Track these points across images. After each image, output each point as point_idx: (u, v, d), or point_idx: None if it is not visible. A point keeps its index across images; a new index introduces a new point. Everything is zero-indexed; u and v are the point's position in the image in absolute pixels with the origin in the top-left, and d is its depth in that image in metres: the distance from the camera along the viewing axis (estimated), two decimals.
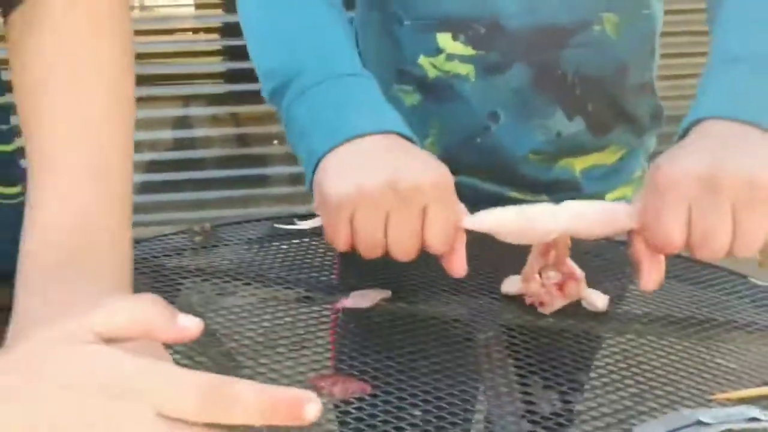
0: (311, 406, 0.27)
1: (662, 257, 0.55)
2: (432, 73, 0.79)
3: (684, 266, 0.75)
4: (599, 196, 0.85)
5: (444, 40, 0.77)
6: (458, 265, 0.57)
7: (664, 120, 0.89)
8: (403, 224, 0.54)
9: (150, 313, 0.31)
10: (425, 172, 0.56)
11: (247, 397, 0.27)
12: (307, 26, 0.68)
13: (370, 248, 0.55)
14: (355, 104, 0.63)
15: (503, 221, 0.56)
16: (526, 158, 0.81)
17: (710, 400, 0.52)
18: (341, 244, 0.56)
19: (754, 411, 0.46)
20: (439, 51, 0.77)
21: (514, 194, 0.84)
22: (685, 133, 0.58)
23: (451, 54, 0.77)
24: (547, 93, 0.79)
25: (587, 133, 0.82)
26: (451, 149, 0.81)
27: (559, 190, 0.83)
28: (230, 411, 0.27)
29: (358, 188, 0.54)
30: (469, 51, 0.76)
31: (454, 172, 0.78)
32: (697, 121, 0.57)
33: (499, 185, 0.84)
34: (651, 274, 0.55)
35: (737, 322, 0.64)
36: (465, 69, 0.77)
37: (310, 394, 0.27)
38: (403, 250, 0.55)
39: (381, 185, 0.54)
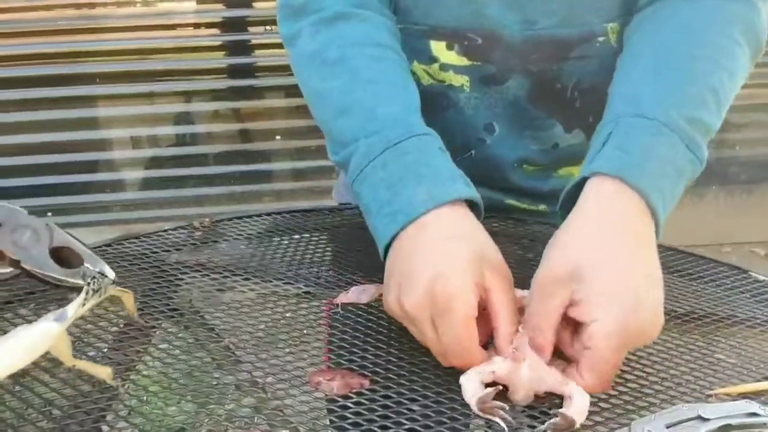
0: None
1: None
2: (426, 80, 0.76)
3: (684, 261, 0.75)
4: None
5: (438, 48, 0.74)
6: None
7: None
8: (447, 332, 0.51)
9: None
10: (464, 279, 0.52)
11: None
12: (358, 88, 0.64)
13: (439, 355, 0.53)
14: (410, 177, 0.58)
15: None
16: (520, 168, 0.79)
17: (710, 395, 0.52)
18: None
19: (753, 406, 0.46)
20: (433, 60, 0.75)
21: (512, 202, 0.82)
22: (576, 188, 0.57)
23: (445, 64, 0.74)
24: (545, 106, 0.76)
25: (586, 143, 0.78)
26: None
27: (558, 199, 0.82)
28: None
29: (399, 307, 0.54)
30: (464, 62, 0.74)
31: None
32: (591, 175, 0.56)
33: (497, 193, 0.81)
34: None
35: (738, 317, 0.64)
36: (460, 80, 0.75)
37: None
38: (456, 355, 0.52)
39: (419, 300, 0.52)
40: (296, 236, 0.76)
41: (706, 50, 0.62)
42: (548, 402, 0.50)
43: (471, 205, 0.59)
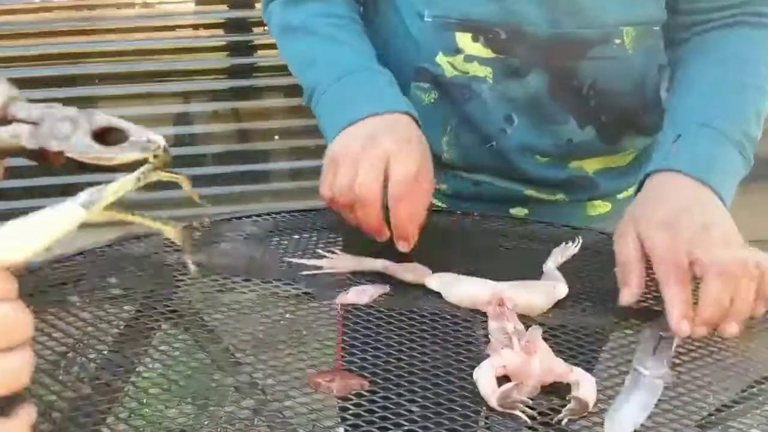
0: None
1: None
2: (449, 72, 0.79)
3: None
4: (614, 193, 0.87)
5: (464, 40, 0.77)
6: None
7: None
8: (368, 170, 0.65)
9: None
10: (398, 140, 0.66)
11: None
12: (324, 45, 0.78)
13: (344, 192, 0.65)
14: (360, 94, 0.73)
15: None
16: (534, 160, 0.82)
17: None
18: (323, 190, 0.68)
19: None
20: (458, 51, 0.77)
21: (531, 192, 0.85)
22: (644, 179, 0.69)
23: (469, 55, 0.77)
24: (561, 101, 0.79)
25: (597, 140, 0.82)
26: (466, 149, 0.82)
27: (576, 189, 0.85)
28: None
29: (342, 148, 0.68)
30: (488, 54, 0.77)
31: (472, 170, 0.81)
32: (662, 170, 0.68)
33: (516, 184, 0.85)
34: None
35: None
36: (483, 71, 0.78)
37: None
38: (368, 189, 0.64)
39: (359, 146, 0.66)
40: (296, 236, 0.76)
41: (754, 79, 0.74)
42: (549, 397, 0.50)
43: None
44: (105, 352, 0.53)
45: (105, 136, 0.40)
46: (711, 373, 0.55)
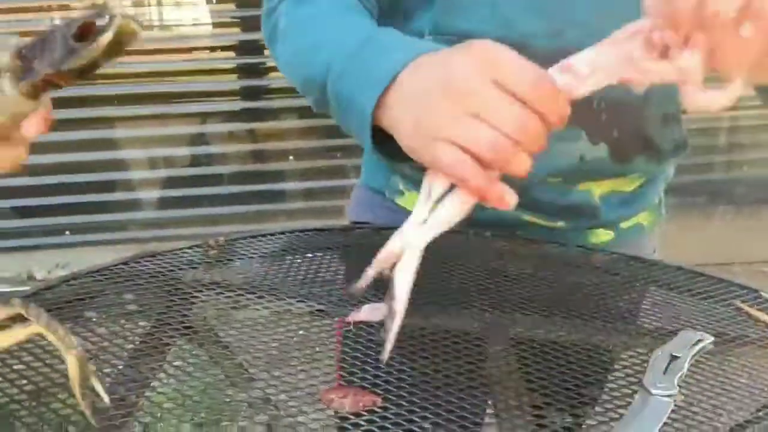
0: None
1: None
2: None
3: (695, 281, 0.75)
4: (616, 222, 0.85)
5: None
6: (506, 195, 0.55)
7: (688, 150, 0.87)
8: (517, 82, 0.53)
9: None
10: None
11: None
12: (328, 27, 0.70)
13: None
14: (380, 53, 0.61)
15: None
16: (544, 180, 0.80)
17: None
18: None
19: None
20: None
21: (529, 218, 0.83)
22: None
23: None
24: (572, 117, 0.77)
25: (609, 159, 0.80)
26: None
27: (577, 216, 0.82)
28: None
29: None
30: None
31: None
32: None
33: (517, 209, 0.82)
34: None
35: (749, 336, 0.64)
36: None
37: None
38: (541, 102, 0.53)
39: (468, 72, 0.53)
40: (309, 255, 0.76)
41: None
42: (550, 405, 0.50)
43: None
44: (120, 367, 0.54)
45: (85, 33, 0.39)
46: (723, 392, 0.55)
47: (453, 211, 0.54)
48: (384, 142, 0.60)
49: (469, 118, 0.51)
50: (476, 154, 0.51)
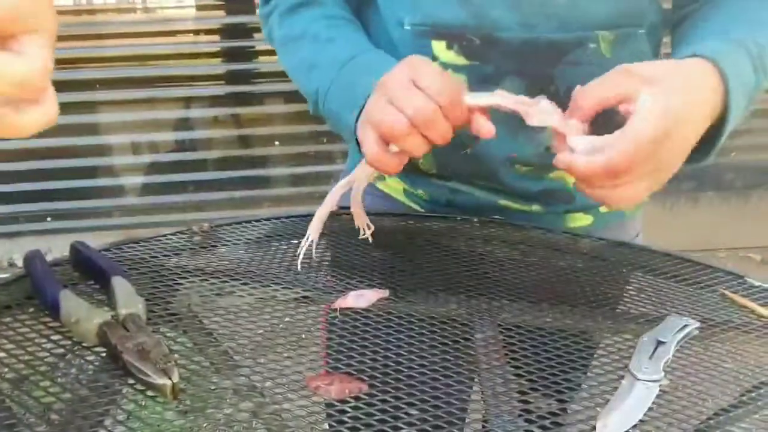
0: None
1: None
2: None
3: (681, 266, 0.75)
4: (594, 206, 0.85)
5: (439, 48, 0.76)
6: (484, 126, 0.65)
7: None
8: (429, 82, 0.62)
9: None
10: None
11: None
12: (317, 46, 0.79)
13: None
14: (363, 74, 0.72)
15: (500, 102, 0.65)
16: (513, 169, 0.80)
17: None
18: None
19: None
20: (433, 59, 0.77)
21: (505, 203, 0.83)
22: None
23: (444, 63, 0.76)
24: None
25: None
26: (443, 156, 0.81)
27: (552, 201, 0.83)
28: None
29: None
30: (462, 61, 0.76)
31: (449, 178, 0.79)
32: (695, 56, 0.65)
33: (490, 193, 0.83)
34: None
35: (734, 322, 0.64)
36: (458, 79, 0.77)
37: None
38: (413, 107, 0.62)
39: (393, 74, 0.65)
40: (294, 241, 0.76)
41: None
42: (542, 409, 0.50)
43: None
44: (103, 354, 0.53)
45: None
46: (708, 377, 0.55)
47: (358, 171, 0.72)
48: None
49: (385, 104, 0.62)
50: (380, 130, 0.63)
